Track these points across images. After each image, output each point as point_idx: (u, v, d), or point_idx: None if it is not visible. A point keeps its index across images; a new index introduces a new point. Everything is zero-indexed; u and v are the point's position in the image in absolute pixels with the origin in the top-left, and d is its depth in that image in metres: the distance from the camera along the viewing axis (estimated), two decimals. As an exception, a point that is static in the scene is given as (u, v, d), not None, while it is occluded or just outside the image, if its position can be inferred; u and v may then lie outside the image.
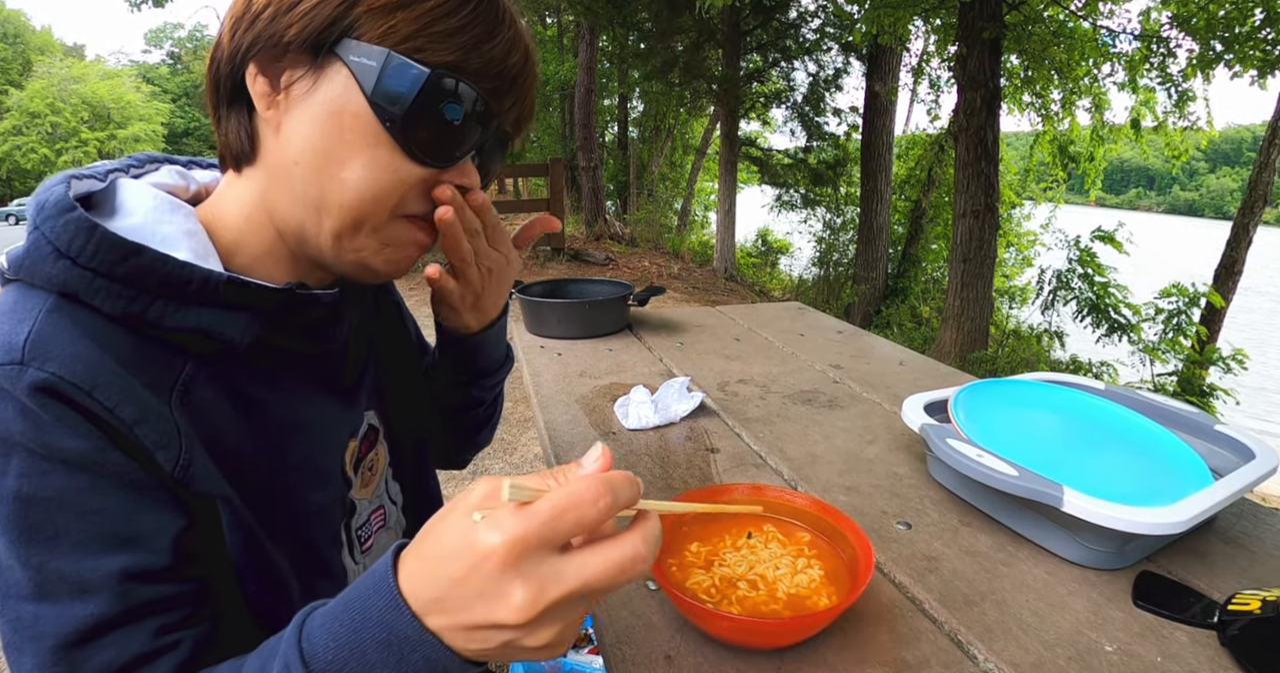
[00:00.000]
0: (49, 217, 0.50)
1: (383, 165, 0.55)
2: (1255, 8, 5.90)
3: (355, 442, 0.71)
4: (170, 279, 0.51)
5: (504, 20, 0.57)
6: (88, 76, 43.14)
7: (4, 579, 0.47)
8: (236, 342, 0.55)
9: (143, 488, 0.49)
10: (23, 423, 0.46)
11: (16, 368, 0.46)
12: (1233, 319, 7.52)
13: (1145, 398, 1.03)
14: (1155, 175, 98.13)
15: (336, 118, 0.54)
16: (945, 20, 7.47)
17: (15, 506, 0.46)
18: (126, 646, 0.47)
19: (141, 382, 0.50)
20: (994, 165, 6.02)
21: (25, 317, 0.48)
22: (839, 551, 0.72)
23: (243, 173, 0.60)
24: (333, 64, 0.53)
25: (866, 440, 1.08)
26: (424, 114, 0.54)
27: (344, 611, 0.41)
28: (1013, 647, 0.63)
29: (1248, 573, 0.76)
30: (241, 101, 0.57)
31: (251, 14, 0.54)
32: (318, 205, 0.56)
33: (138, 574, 0.48)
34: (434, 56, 0.53)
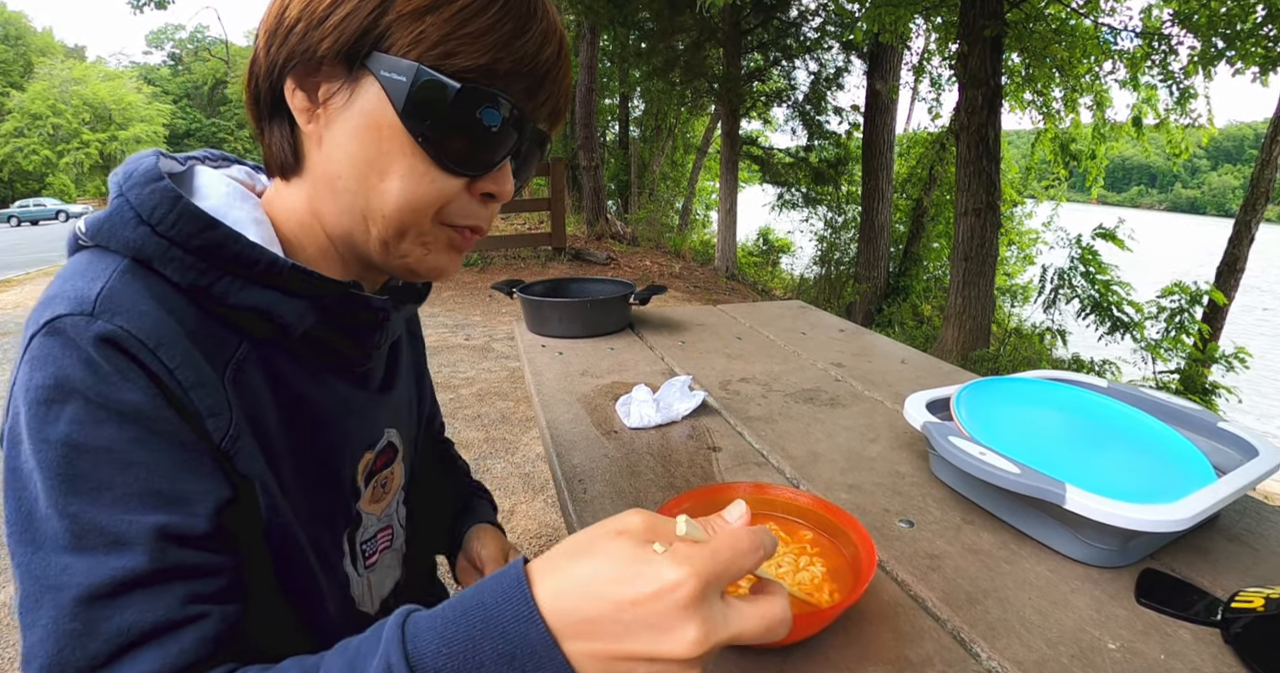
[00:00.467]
0: (136, 184, 0.53)
1: (419, 177, 0.56)
2: (1257, 4, 5.90)
3: (371, 454, 0.71)
4: (241, 257, 0.53)
5: (534, 13, 0.56)
6: (89, 78, 43.23)
7: (37, 530, 0.46)
8: (292, 328, 0.57)
9: (191, 450, 0.50)
10: (83, 371, 0.46)
11: (86, 318, 0.47)
12: (1235, 317, 7.50)
13: (1148, 395, 1.03)
14: (1157, 173, 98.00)
15: (373, 131, 0.54)
16: (946, 18, 7.47)
17: (63, 452, 0.46)
18: (152, 608, 0.45)
19: (200, 352, 0.52)
20: (995, 163, 6.02)
21: (99, 275, 0.50)
22: (841, 549, 0.72)
23: (290, 182, 0.61)
24: (365, 77, 0.54)
25: (869, 439, 1.08)
26: (454, 128, 0.54)
27: (461, 616, 0.39)
28: (1016, 645, 0.63)
29: (1251, 571, 0.75)
30: (282, 114, 0.58)
31: (284, 29, 0.54)
32: (363, 214, 0.58)
33: (174, 535, 0.47)
34: (466, 60, 0.53)
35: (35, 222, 29.75)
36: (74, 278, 0.50)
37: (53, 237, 19.36)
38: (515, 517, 2.87)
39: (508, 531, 2.74)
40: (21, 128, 39.73)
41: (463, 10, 0.52)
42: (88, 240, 0.54)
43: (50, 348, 0.47)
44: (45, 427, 0.46)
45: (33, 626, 0.44)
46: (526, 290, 1.71)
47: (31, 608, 0.45)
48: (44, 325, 0.48)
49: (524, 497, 3.03)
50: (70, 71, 42.92)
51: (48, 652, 0.43)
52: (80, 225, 0.54)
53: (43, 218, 30.10)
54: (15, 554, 0.46)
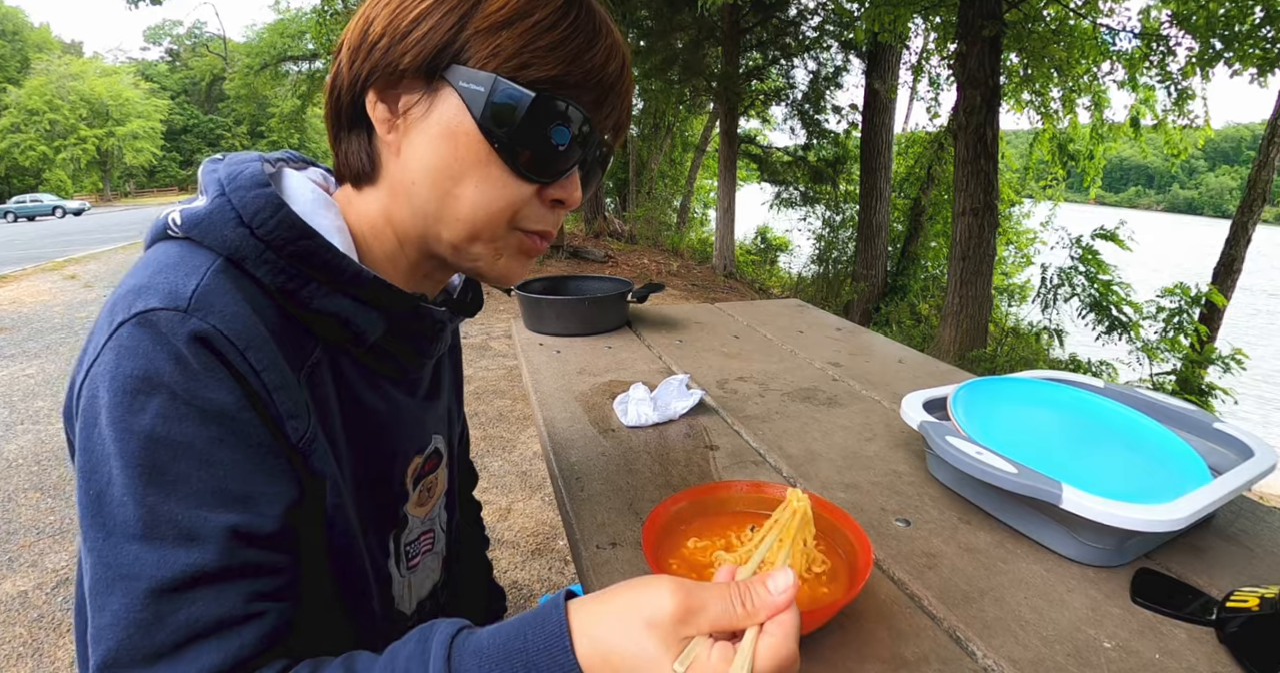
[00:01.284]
0: (241, 187, 0.55)
1: (494, 183, 0.58)
2: (1255, 6, 5.91)
3: (420, 458, 0.74)
4: (330, 266, 0.56)
5: (601, 29, 0.59)
6: (86, 74, 43.10)
7: (112, 517, 0.47)
8: (366, 336, 0.61)
9: (267, 452, 0.51)
10: (173, 366, 0.48)
11: (181, 316, 0.49)
12: (1233, 318, 7.51)
13: (1144, 395, 1.03)
14: (1155, 174, 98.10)
15: (450, 139, 0.57)
16: (945, 18, 7.47)
17: (146, 443, 0.47)
18: (218, 604, 0.47)
19: (283, 353, 0.54)
20: (993, 164, 6.03)
21: (194, 272, 0.52)
22: (838, 547, 0.72)
23: (362, 190, 0.64)
24: (444, 88, 0.57)
25: (866, 438, 1.08)
26: (528, 136, 0.57)
27: (505, 657, 0.42)
28: (1011, 643, 0.63)
29: (1246, 570, 0.76)
30: (362, 126, 0.61)
31: (368, 44, 0.57)
32: (438, 219, 0.60)
33: (245, 534, 0.48)
34: (539, 71, 0.56)
35: (32, 218, 29.71)
36: (167, 271, 0.52)
37: (50, 233, 19.32)
38: (513, 514, 2.87)
39: (505, 528, 2.74)
40: (18, 123, 39.61)
41: (536, 25, 0.55)
42: (179, 233, 0.55)
43: (141, 340, 0.48)
44: (130, 416, 0.47)
45: (103, 609, 0.46)
46: (524, 288, 1.71)
47: (103, 592, 0.46)
48: (135, 315, 0.49)
49: (521, 495, 3.03)
50: (67, 67, 42.79)
51: (116, 636, 0.45)
52: (175, 217, 0.56)
53: (39, 214, 30.04)
54: (86, 536, 0.48)
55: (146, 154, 45.34)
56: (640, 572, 0.72)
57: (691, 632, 0.42)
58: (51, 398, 4.40)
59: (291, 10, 20.50)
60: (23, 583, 2.46)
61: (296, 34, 19.48)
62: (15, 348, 5.62)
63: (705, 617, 0.42)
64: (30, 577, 2.49)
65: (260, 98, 19.68)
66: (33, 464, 3.43)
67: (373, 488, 0.66)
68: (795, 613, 0.44)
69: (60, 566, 2.56)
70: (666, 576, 0.44)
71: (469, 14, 0.55)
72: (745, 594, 0.43)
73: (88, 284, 8.81)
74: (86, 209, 32.43)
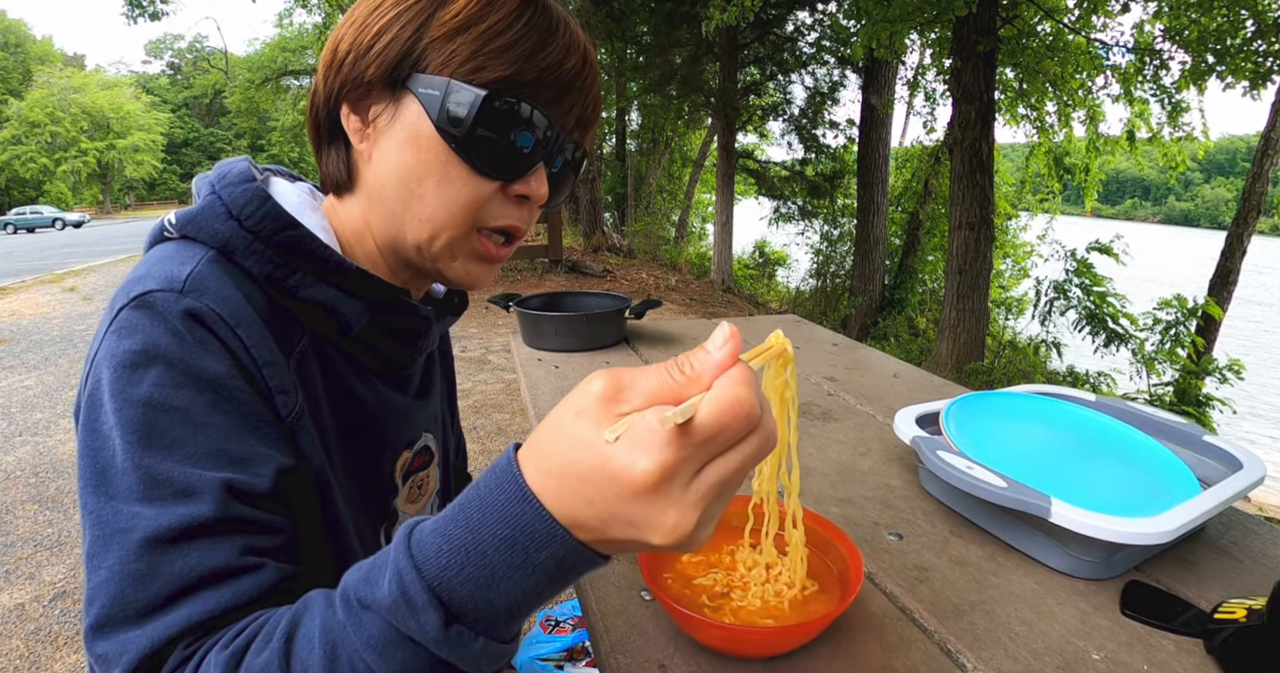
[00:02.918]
0: (230, 183, 0.59)
1: (453, 182, 0.60)
2: (1247, 19, 5.96)
3: (409, 453, 0.76)
4: (314, 255, 0.59)
5: (558, 28, 0.61)
6: (87, 86, 43.29)
7: (111, 482, 0.48)
8: (351, 325, 0.63)
9: (260, 419, 0.53)
10: (169, 339, 0.51)
11: (175, 295, 0.52)
12: (1230, 329, 7.53)
13: (1135, 409, 1.04)
14: (1151, 186, 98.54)
15: (413, 143, 0.60)
16: (940, 34, 7.53)
17: (143, 410, 0.49)
18: (212, 555, 0.47)
19: (272, 337, 0.57)
20: (989, 178, 6.07)
21: (187, 261, 0.55)
22: (830, 561, 0.73)
23: (343, 199, 0.67)
24: (407, 96, 0.60)
25: (860, 453, 1.09)
26: (483, 134, 0.59)
27: (458, 512, 0.40)
28: (1001, 655, 0.64)
29: (1235, 582, 0.77)
30: (338, 138, 0.65)
31: (338, 61, 0.61)
32: (403, 220, 0.63)
33: (239, 491, 0.49)
34: (492, 73, 0.58)
35: (32, 229, 29.76)
36: (162, 262, 0.55)
37: (49, 244, 19.36)
38: (510, 528, 2.87)
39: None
40: (19, 135, 39.77)
41: (489, 30, 0.58)
42: (174, 232, 0.59)
43: (139, 319, 0.51)
44: (129, 388, 0.49)
45: (97, 569, 0.46)
46: (523, 304, 1.73)
47: (99, 552, 0.47)
48: (134, 298, 0.52)
49: (519, 508, 3.03)
50: (69, 80, 43.02)
51: (109, 593, 0.45)
52: (170, 218, 0.59)
53: (39, 225, 30.10)
54: (86, 504, 0.49)
55: (147, 167, 45.50)
56: (637, 585, 0.74)
57: (625, 409, 0.37)
58: (50, 410, 4.40)
59: (294, 26, 20.64)
60: (20, 596, 2.45)
61: (298, 49, 19.62)
62: (14, 360, 5.62)
63: (637, 390, 0.37)
64: (28, 589, 2.49)
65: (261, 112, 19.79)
66: (31, 477, 3.43)
67: (361, 478, 0.68)
68: (746, 368, 0.37)
69: (58, 579, 2.55)
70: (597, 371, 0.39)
71: (425, 24, 0.58)
72: (683, 362, 0.38)
73: (87, 296, 8.82)
74: (86, 221, 32.50)
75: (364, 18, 0.60)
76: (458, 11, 0.58)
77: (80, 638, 2.23)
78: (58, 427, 4.11)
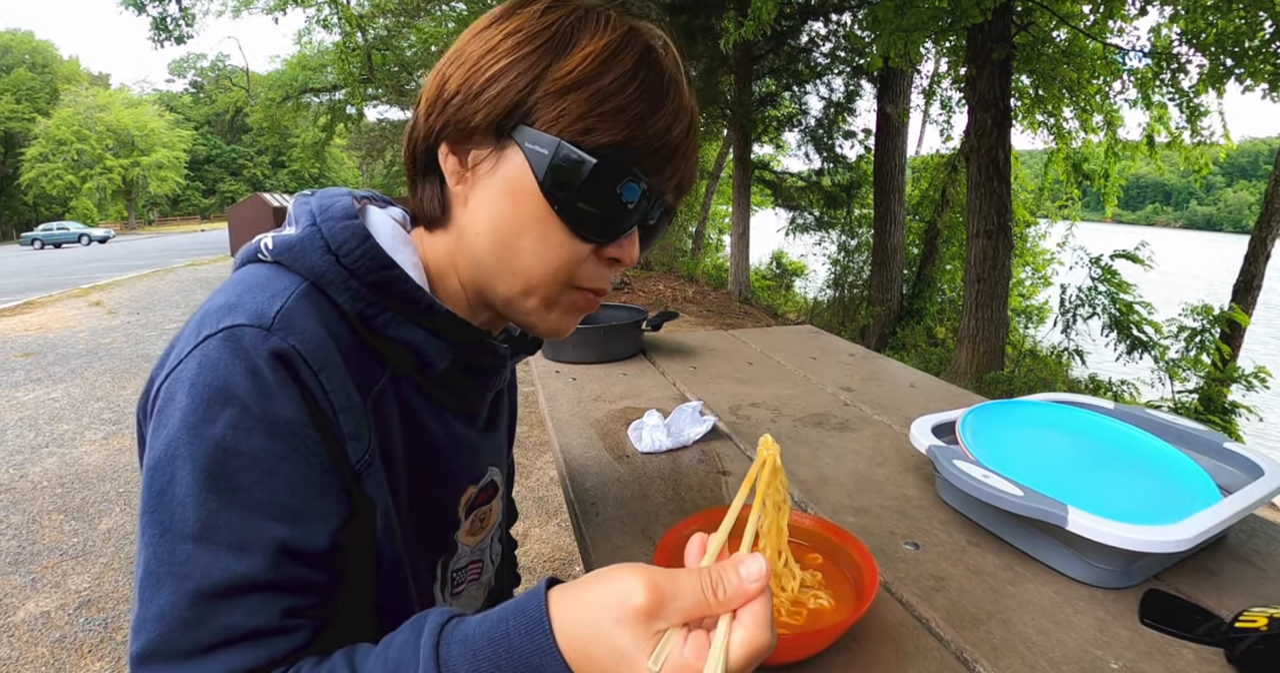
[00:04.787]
0: (332, 218, 0.59)
1: (551, 242, 0.61)
2: (1265, 21, 5.90)
3: (475, 488, 0.76)
4: (407, 295, 0.60)
5: (669, 92, 0.61)
6: (113, 105, 44.16)
7: (170, 515, 0.49)
8: (434, 365, 0.63)
9: (326, 471, 0.53)
10: (248, 382, 0.50)
11: (263, 333, 0.52)
12: (1256, 335, 7.41)
13: (1154, 417, 1.03)
14: (1172, 190, 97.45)
15: (513, 196, 0.60)
16: (956, 42, 7.52)
17: (214, 451, 0.49)
18: (256, 614, 0.49)
19: (352, 377, 0.57)
20: (1006, 185, 6.04)
21: (279, 293, 0.55)
22: (845, 570, 0.73)
23: (434, 233, 0.67)
24: (511, 147, 0.59)
25: (876, 463, 1.09)
26: (588, 199, 0.59)
27: (489, 644, 0.43)
28: (1018, 664, 0.64)
29: (1257, 591, 0.76)
30: (434, 174, 0.64)
31: (443, 100, 0.60)
32: (495, 271, 0.63)
33: (294, 551, 0.50)
34: (602, 137, 0.58)
35: (59, 244, 30.35)
36: (255, 291, 0.55)
37: (76, 260, 19.70)
38: (529, 541, 2.88)
39: (521, 554, 2.74)
40: (46, 153, 40.58)
41: (601, 90, 0.57)
42: (269, 257, 0.59)
43: (223, 353, 0.51)
44: (202, 424, 0.49)
45: (150, 601, 0.48)
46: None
47: (153, 585, 0.48)
48: (222, 329, 0.52)
49: (538, 520, 3.04)
50: (95, 98, 43.87)
51: (158, 630, 0.47)
52: (268, 242, 0.59)
53: (65, 241, 30.68)
54: (144, 530, 0.50)
55: (170, 183, 46.27)
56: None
57: (663, 626, 0.41)
58: (76, 422, 4.47)
59: (313, 44, 20.93)
60: (46, 604, 2.49)
61: (318, 67, 19.87)
62: (42, 372, 5.72)
63: (676, 608, 0.42)
64: (53, 598, 2.53)
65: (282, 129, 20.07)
66: (57, 487, 3.48)
67: (425, 513, 0.68)
68: (768, 599, 0.44)
69: (83, 588, 2.59)
70: (637, 566, 0.43)
71: (540, 77, 0.57)
72: (717, 583, 0.43)
73: (112, 310, 8.97)
74: (111, 237, 33.11)
75: (475, 60, 0.59)
76: (573, 68, 0.57)
77: (103, 646, 2.26)
78: (83, 439, 4.17)
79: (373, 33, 15.58)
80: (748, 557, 0.44)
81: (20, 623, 2.38)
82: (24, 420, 4.51)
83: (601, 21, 0.60)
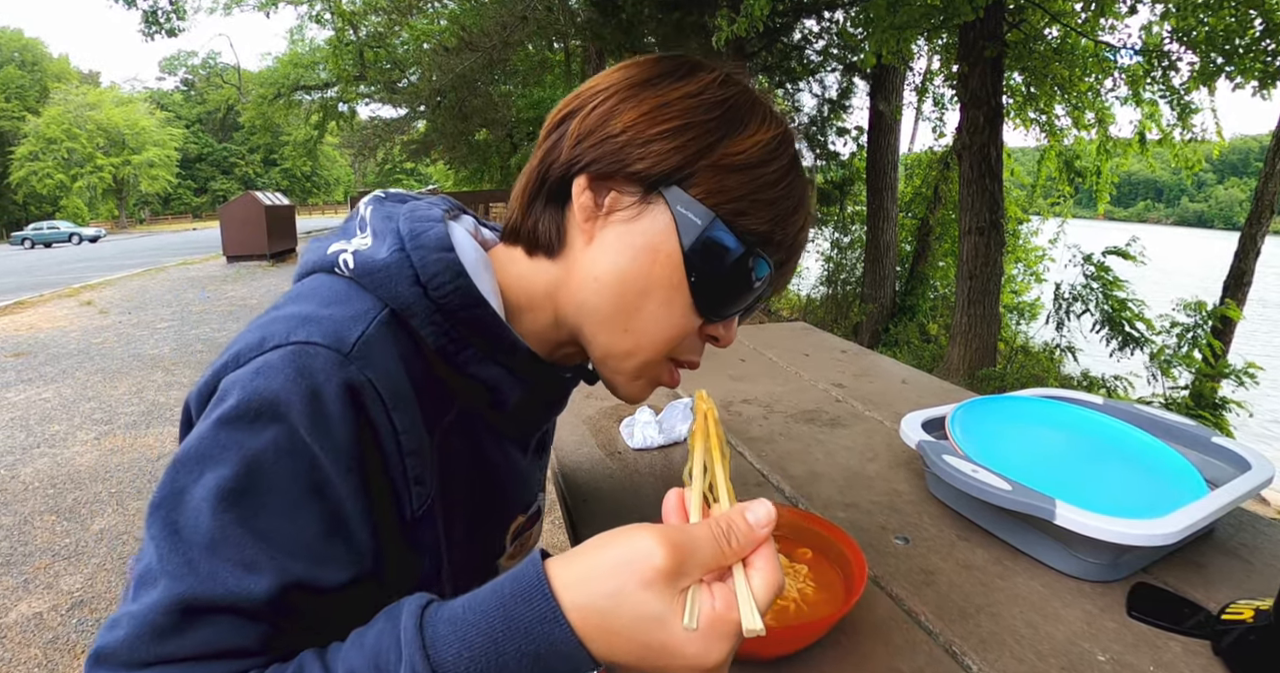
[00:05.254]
0: (424, 247, 0.56)
1: (674, 310, 0.60)
2: (1255, 19, 5.92)
3: (524, 516, 0.75)
4: (492, 334, 0.58)
5: (805, 195, 0.62)
6: (103, 103, 43.95)
7: (186, 518, 0.46)
8: (506, 402, 0.62)
9: (354, 522, 0.49)
10: (305, 404, 0.47)
11: (340, 358, 0.49)
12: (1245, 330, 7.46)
13: (1143, 412, 1.04)
14: (1163, 187, 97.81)
15: (650, 254, 0.58)
16: (948, 39, 7.53)
17: (247, 465, 0.46)
18: (239, 635, 0.45)
19: (423, 413, 0.54)
20: (998, 182, 6.05)
21: (360, 316, 0.52)
22: (835, 564, 0.73)
23: (534, 258, 0.64)
24: (659, 203, 0.58)
25: (867, 458, 1.10)
26: (723, 280, 0.59)
27: (481, 617, 0.41)
28: (1006, 657, 0.64)
29: (1244, 584, 0.77)
30: (559, 202, 0.62)
31: (605, 135, 0.58)
32: (604, 321, 0.61)
33: (300, 585, 0.47)
34: (753, 223, 0.58)
35: (49, 244, 30.16)
36: (335, 307, 0.53)
37: (66, 259, 19.59)
38: (523, 537, 2.88)
39: (515, 551, 2.74)
40: (36, 152, 40.37)
41: (762, 178, 0.58)
42: (346, 273, 0.56)
43: (287, 367, 0.48)
44: (244, 435, 0.46)
45: (137, 599, 0.45)
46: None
47: (146, 583, 0.45)
48: (295, 343, 0.49)
49: (531, 517, 3.04)
50: (85, 97, 43.67)
51: (129, 630, 0.44)
52: (348, 260, 0.57)
53: (56, 240, 30.49)
54: (153, 524, 0.47)
55: (162, 182, 46.09)
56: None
57: (687, 583, 0.41)
58: (67, 422, 4.45)
59: (305, 41, 20.85)
60: (38, 605, 2.48)
61: (310, 64, 19.80)
62: (33, 373, 5.69)
63: (696, 563, 0.41)
64: (45, 599, 2.52)
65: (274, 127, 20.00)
66: (49, 488, 3.47)
67: (475, 544, 0.66)
68: (772, 541, 0.44)
69: (75, 588, 2.58)
70: (643, 526, 0.43)
71: (712, 147, 0.57)
72: (729, 532, 0.43)
73: (103, 309, 8.92)
74: (102, 236, 32.90)
75: (651, 109, 0.58)
76: (744, 150, 0.58)
77: (98, 648, 2.25)
78: (75, 439, 4.16)
79: (365, 30, 15.53)
80: (752, 503, 0.45)
81: (13, 624, 2.37)
82: (15, 421, 4.49)
83: (767, 112, 0.61)
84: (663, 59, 0.62)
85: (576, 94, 0.63)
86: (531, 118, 15.25)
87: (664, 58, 0.62)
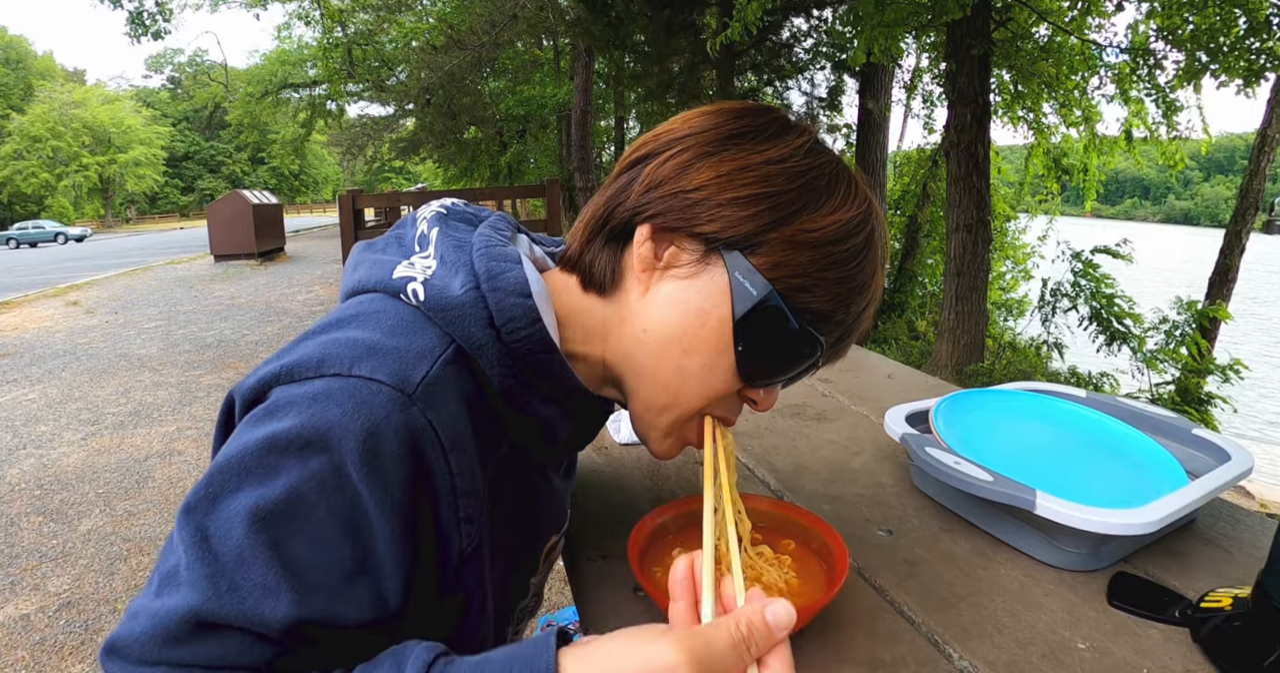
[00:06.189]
0: (504, 291, 0.55)
1: (716, 373, 0.59)
2: (1239, 17, 5.97)
3: (557, 536, 0.74)
4: (556, 377, 0.57)
5: (876, 274, 0.60)
6: (88, 101, 43.60)
7: (217, 528, 0.45)
8: (558, 438, 0.62)
9: (385, 567, 0.48)
10: (358, 442, 0.46)
11: (404, 400, 0.48)
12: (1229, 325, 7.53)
13: (1126, 405, 1.05)
14: (1150, 185, 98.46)
15: (700, 315, 0.57)
16: (936, 37, 7.56)
17: (287, 492, 0.45)
18: (247, 654, 0.45)
19: (478, 449, 0.54)
20: (985, 180, 6.08)
21: (426, 354, 0.51)
22: (817, 554, 0.74)
23: (588, 293, 0.63)
24: (719, 265, 0.57)
25: (852, 452, 1.10)
26: (770, 352, 0.59)
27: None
28: (987, 646, 0.65)
29: (1224, 573, 0.77)
30: (620, 243, 0.61)
31: (676, 188, 0.57)
32: (645, 374, 0.61)
33: (316, 621, 0.46)
34: (813, 300, 0.57)
35: (34, 243, 29.93)
36: (399, 336, 0.51)
37: (52, 259, 19.43)
38: (513, 535, 2.87)
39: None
40: (21, 150, 40.02)
41: (833, 257, 0.57)
42: (414, 302, 0.55)
43: (346, 401, 0.47)
44: (292, 461, 0.46)
45: (157, 595, 0.46)
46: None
47: (169, 583, 0.46)
48: (359, 377, 0.48)
49: (521, 515, 3.04)
50: (70, 95, 43.33)
51: (144, 628, 0.44)
52: (417, 288, 0.55)
53: (41, 240, 30.26)
54: (185, 526, 0.46)
55: (148, 180, 45.78)
56: (629, 582, 0.75)
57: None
58: (53, 423, 4.42)
59: (293, 39, 20.72)
60: (25, 607, 2.47)
61: (298, 62, 19.68)
62: (18, 373, 5.64)
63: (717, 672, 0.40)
64: (32, 600, 2.50)
65: (262, 125, 19.90)
66: (35, 489, 3.44)
67: (514, 568, 0.66)
68: (788, 642, 0.43)
69: (62, 589, 2.57)
70: (658, 629, 0.42)
71: (786, 220, 0.56)
72: (749, 639, 0.42)
73: (90, 309, 8.86)
74: (88, 235, 32.68)
75: (731, 171, 0.56)
76: (820, 227, 0.56)
77: (84, 648, 2.24)
78: (61, 439, 4.13)
79: (353, 28, 15.46)
80: (772, 603, 0.43)
81: (0, 626, 2.36)
82: (0, 422, 4.45)
83: (852, 187, 0.59)
84: (752, 111, 0.60)
85: (656, 135, 0.62)
86: (520, 116, 15.22)
87: (753, 111, 0.60)
